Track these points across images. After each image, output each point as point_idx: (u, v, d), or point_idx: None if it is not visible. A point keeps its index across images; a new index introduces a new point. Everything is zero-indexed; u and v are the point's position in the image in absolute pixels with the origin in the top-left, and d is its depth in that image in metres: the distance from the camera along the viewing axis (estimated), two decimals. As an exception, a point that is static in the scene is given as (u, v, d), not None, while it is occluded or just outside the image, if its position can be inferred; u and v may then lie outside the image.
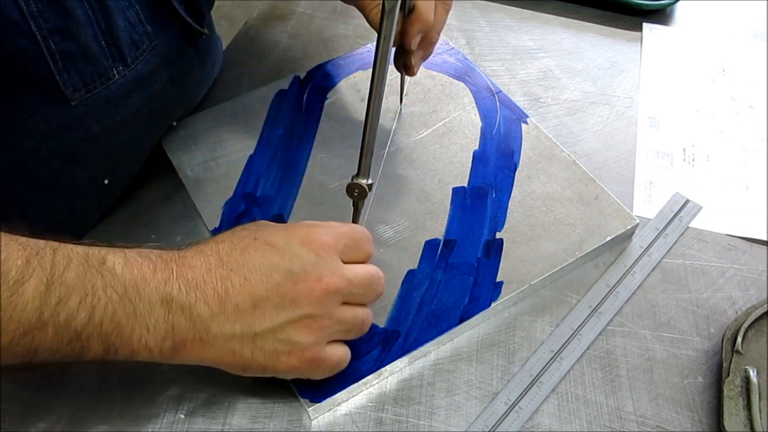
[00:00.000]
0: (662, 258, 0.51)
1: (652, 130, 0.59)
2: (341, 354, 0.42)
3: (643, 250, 0.51)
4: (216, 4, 0.60)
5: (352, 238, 0.42)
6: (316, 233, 0.41)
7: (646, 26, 0.69)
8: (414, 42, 0.50)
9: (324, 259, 0.40)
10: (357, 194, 0.46)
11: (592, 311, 0.48)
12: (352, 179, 0.45)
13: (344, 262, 0.41)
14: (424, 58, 0.55)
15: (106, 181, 0.52)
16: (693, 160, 0.57)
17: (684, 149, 0.58)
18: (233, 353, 0.39)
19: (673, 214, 0.53)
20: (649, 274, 0.50)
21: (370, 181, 0.45)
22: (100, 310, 0.35)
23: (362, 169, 0.45)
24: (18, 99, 0.44)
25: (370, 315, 0.43)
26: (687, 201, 0.54)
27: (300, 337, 0.39)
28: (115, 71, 0.47)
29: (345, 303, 0.41)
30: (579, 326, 0.47)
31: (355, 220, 0.48)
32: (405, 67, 0.54)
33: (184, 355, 0.38)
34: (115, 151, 0.52)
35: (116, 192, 0.55)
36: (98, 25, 0.45)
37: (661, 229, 0.52)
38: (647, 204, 0.54)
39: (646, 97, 0.62)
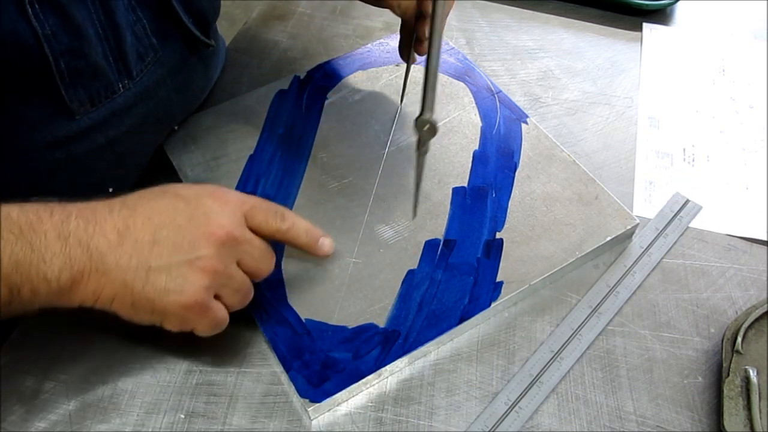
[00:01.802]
0: (662, 258, 0.51)
1: (652, 130, 0.59)
2: (224, 314, 0.42)
3: (643, 250, 0.51)
4: (216, 4, 0.61)
5: (262, 203, 0.43)
6: (225, 191, 0.43)
7: (646, 26, 0.69)
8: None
9: (228, 211, 0.41)
10: (427, 130, 0.44)
11: (592, 311, 0.48)
12: (418, 116, 0.44)
13: (248, 227, 0.42)
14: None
15: (111, 189, 0.52)
16: (693, 160, 0.57)
17: (684, 149, 0.58)
18: (125, 285, 0.38)
19: (673, 214, 0.53)
20: (649, 274, 0.50)
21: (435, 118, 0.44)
22: None
23: (428, 104, 0.43)
24: (24, 113, 0.44)
25: (252, 292, 0.43)
26: (687, 201, 0.54)
27: (193, 278, 0.39)
28: (120, 85, 0.48)
29: (237, 264, 0.41)
30: (579, 326, 0.47)
31: (419, 173, 0.47)
32: (417, 42, 0.53)
33: (82, 288, 0.38)
34: (121, 159, 0.52)
35: None
36: (107, 42, 0.46)
37: (661, 229, 0.52)
38: (647, 204, 0.54)
39: (646, 97, 0.62)
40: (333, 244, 0.47)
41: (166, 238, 0.39)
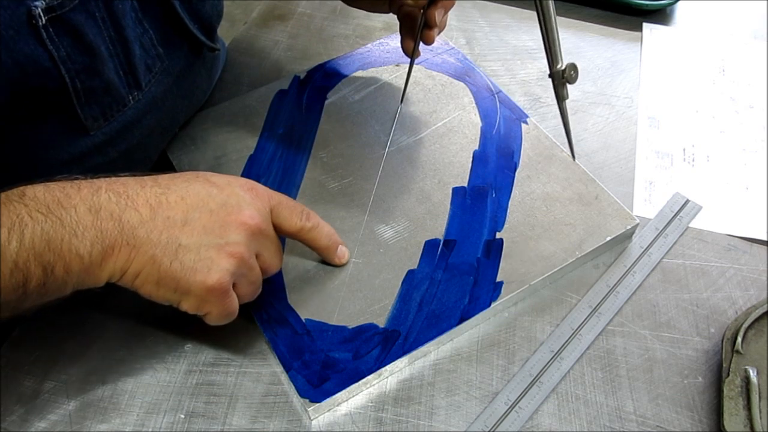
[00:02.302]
0: (662, 258, 0.51)
1: (652, 130, 0.59)
2: (236, 304, 0.42)
3: (643, 250, 0.51)
4: (216, 4, 0.61)
5: (288, 201, 0.45)
6: (255, 184, 0.43)
7: (646, 26, 0.69)
8: None
9: (258, 204, 0.42)
10: (562, 80, 0.49)
11: (592, 311, 0.48)
12: (552, 72, 0.49)
13: (271, 222, 0.43)
14: (447, 10, 0.54)
15: None
16: (693, 160, 0.57)
17: (684, 149, 0.58)
18: (153, 260, 0.38)
19: (673, 214, 0.53)
20: (649, 274, 0.50)
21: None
22: (29, 233, 0.35)
23: (555, 55, 0.49)
24: (40, 132, 0.45)
25: (261, 287, 0.44)
26: (687, 201, 0.54)
27: (220, 262, 0.40)
28: (130, 97, 0.48)
29: (256, 257, 0.42)
30: (579, 326, 0.47)
31: (566, 121, 0.52)
32: (426, 28, 0.53)
33: (111, 262, 0.38)
34: (131, 170, 0.52)
35: None
36: (118, 58, 0.46)
37: (661, 229, 0.52)
38: (647, 204, 0.54)
39: (646, 97, 0.62)
40: (349, 255, 0.48)
41: (197, 219, 0.40)
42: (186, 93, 0.55)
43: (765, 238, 0.52)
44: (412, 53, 0.56)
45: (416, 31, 0.54)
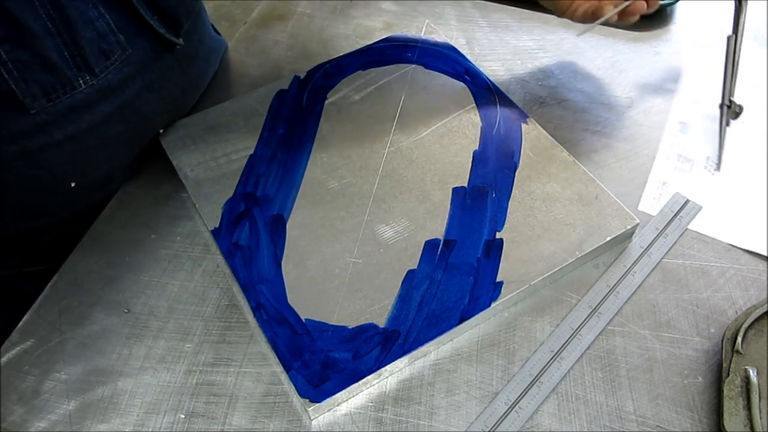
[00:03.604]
0: (662, 258, 0.51)
1: (681, 135, 0.58)
2: None
3: (643, 250, 0.51)
4: (216, 4, 0.61)
5: None
6: None
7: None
8: None
9: None
10: (739, 110, 0.57)
11: (592, 311, 0.48)
12: (724, 101, 0.57)
13: None
14: None
15: (73, 184, 0.52)
16: (714, 169, 0.57)
17: (707, 157, 0.57)
18: None
19: (673, 213, 0.53)
20: (648, 274, 0.50)
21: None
22: None
23: (731, 90, 0.56)
24: None
25: None
26: (687, 201, 0.54)
27: None
28: (81, 81, 0.47)
29: None
30: (579, 326, 0.47)
31: (722, 138, 0.57)
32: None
33: None
34: (83, 156, 0.51)
35: (87, 193, 0.55)
36: (60, 37, 0.45)
37: (661, 229, 0.52)
38: (655, 202, 0.54)
39: (681, 100, 0.61)
40: None
41: None
42: (154, 86, 0.54)
43: (765, 254, 0.51)
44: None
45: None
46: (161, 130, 0.59)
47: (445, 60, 0.65)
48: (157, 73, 0.54)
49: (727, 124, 0.56)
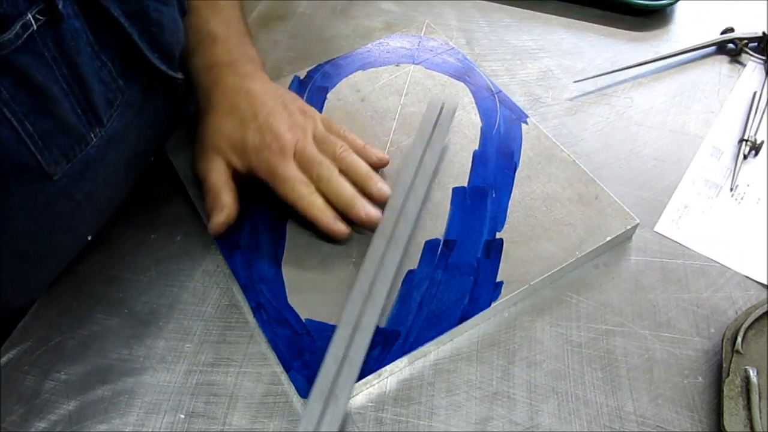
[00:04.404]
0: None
1: (712, 159, 0.57)
2: None
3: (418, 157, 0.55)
4: (216, 4, 0.60)
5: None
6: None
7: (750, 64, 0.66)
8: None
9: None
10: (760, 147, 0.57)
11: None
12: (746, 136, 0.57)
13: None
14: None
15: (89, 237, 0.51)
16: (742, 199, 0.55)
17: (737, 186, 0.56)
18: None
19: (434, 119, 0.58)
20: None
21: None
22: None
23: (756, 127, 0.58)
24: (2, 185, 0.41)
25: None
26: (443, 105, 0.58)
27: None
28: (92, 135, 0.45)
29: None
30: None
31: (737, 168, 0.56)
32: None
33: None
34: (98, 210, 0.50)
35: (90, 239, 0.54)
36: (74, 96, 0.43)
37: (428, 138, 0.56)
38: (672, 225, 0.53)
39: (719, 126, 0.60)
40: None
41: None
42: (150, 123, 0.52)
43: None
44: None
45: None
46: None
47: (445, 60, 0.65)
48: (151, 109, 0.52)
49: (745, 157, 0.57)
